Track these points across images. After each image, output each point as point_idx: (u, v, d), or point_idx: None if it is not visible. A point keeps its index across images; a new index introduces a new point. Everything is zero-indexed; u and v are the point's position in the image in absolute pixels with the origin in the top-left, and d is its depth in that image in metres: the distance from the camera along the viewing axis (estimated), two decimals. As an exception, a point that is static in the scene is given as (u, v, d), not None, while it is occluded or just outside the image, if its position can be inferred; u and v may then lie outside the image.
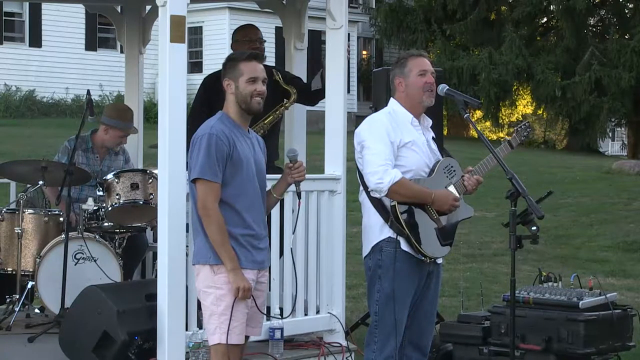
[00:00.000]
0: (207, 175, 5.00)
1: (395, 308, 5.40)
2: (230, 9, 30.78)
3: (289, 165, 5.26)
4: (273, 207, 5.54)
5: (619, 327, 6.98)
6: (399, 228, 5.41)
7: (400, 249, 5.40)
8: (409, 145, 5.47)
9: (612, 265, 12.53)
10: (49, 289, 7.00)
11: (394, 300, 5.40)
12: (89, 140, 7.87)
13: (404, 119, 5.53)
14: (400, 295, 5.41)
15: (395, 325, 5.42)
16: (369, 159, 5.44)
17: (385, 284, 5.41)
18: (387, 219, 5.43)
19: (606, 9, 32.04)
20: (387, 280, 5.40)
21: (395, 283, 5.39)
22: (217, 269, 5.03)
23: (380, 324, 5.45)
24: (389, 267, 5.40)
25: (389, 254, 5.40)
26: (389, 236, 5.41)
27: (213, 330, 5.07)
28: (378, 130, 5.46)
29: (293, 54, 8.00)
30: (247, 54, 5.27)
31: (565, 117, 30.78)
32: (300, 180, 5.26)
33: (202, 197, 5.02)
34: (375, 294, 5.46)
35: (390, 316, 5.42)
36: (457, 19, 30.82)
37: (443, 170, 5.58)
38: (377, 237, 5.45)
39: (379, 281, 5.43)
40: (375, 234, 5.47)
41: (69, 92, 29.62)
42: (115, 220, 7.31)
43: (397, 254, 5.39)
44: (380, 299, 5.43)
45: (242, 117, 5.18)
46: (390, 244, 5.41)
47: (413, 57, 5.59)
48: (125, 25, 8.71)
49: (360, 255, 5.66)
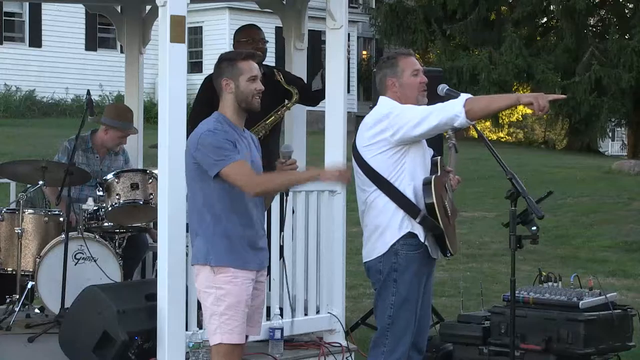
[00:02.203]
0: (228, 160, 4.95)
1: (411, 312, 5.36)
2: (230, 9, 30.79)
3: (281, 161, 5.22)
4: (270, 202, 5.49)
5: (619, 327, 6.99)
6: (433, 224, 5.31)
7: (413, 253, 5.32)
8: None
9: (612, 265, 12.53)
10: (49, 289, 7.00)
11: (410, 304, 5.35)
12: (89, 140, 7.87)
13: None
14: (415, 298, 5.37)
15: (409, 328, 5.38)
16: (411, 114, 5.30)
17: (402, 288, 5.33)
18: (416, 214, 5.31)
19: (606, 9, 32.01)
20: (404, 285, 5.33)
21: (411, 287, 5.35)
22: (217, 269, 5.03)
23: (394, 327, 5.37)
24: (405, 270, 5.32)
25: (405, 257, 5.32)
26: (408, 231, 5.31)
27: (214, 330, 5.07)
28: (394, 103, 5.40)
29: (293, 54, 8.00)
30: (244, 53, 5.27)
31: (565, 117, 30.76)
32: None
33: (237, 179, 4.96)
34: (389, 297, 5.37)
35: (405, 319, 5.34)
36: (457, 19, 30.79)
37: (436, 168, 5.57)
38: (395, 236, 5.32)
39: (394, 284, 5.34)
40: (393, 234, 5.34)
41: (69, 92, 29.62)
42: (115, 220, 7.32)
43: (411, 256, 5.32)
44: (395, 303, 5.35)
45: (239, 117, 5.17)
46: (405, 247, 5.32)
47: (403, 57, 5.54)
48: (125, 25, 8.71)
49: (360, 255, 5.62)
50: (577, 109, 28.68)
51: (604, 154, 35.46)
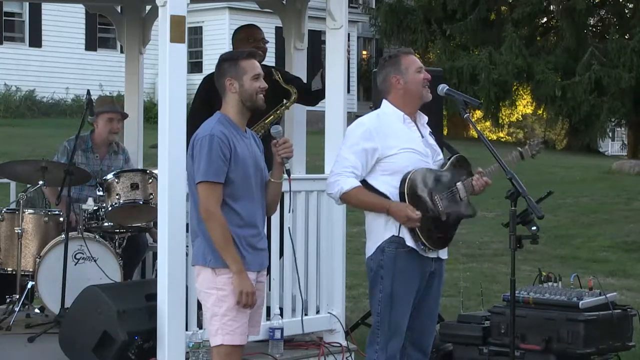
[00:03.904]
0: (210, 177, 4.97)
1: (397, 309, 5.40)
2: (230, 9, 30.81)
3: (273, 142, 5.18)
4: (277, 196, 5.35)
5: (619, 327, 6.99)
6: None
7: (401, 249, 5.38)
8: (397, 147, 5.43)
9: (612, 265, 12.52)
10: (49, 289, 7.00)
11: (396, 301, 5.40)
12: (88, 140, 7.88)
13: (394, 119, 5.50)
14: (402, 296, 5.41)
15: (398, 325, 5.42)
16: (337, 159, 5.50)
17: (387, 285, 5.40)
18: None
19: (606, 9, 32.02)
20: (389, 281, 5.40)
21: (397, 283, 5.39)
22: (218, 271, 5.02)
23: (383, 324, 5.45)
24: (391, 267, 5.39)
25: (390, 255, 5.39)
26: (392, 235, 5.40)
27: (215, 331, 5.06)
28: (355, 137, 5.45)
29: (293, 54, 8.00)
30: (246, 52, 5.26)
31: (565, 117, 30.75)
32: (287, 156, 5.18)
33: (204, 199, 4.99)
34: (377, 294, 5.45)
35: (393, 316, 5.41)
36: (457, 19, 30.79)
37: (455, 167, 5.57)
38: (381, 237, 5.42)
39: (381, 281, 5.43)
40: (379, 234, 5.44)
41: (69, 92, 29.63)
42: (115, 220, 7.31)
43: (397, 253, 5.38)
44: (382, 300, 5.43)
45: (241, 117, 5.16)
46: (392, 244, 5.39)
47: (405, 55, 5.56)
48: (125, 25, 8.71)
49: (360, 255, 5.66)
50: (577, 109, 28.69)
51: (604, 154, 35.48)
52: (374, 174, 5.43)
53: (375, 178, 5.43)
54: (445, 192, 5.49)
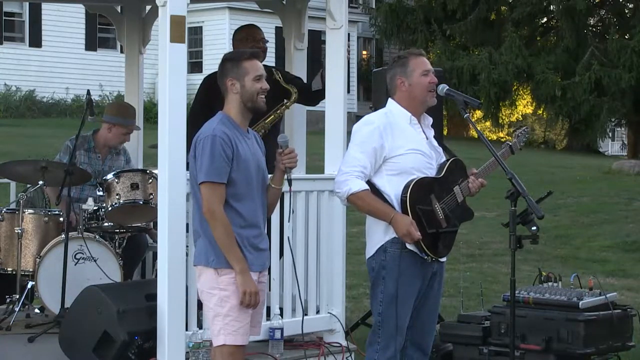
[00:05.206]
0: (213, 177, 4.97)
1: (399, 309, 5.40)
2: (230, 9, 30.81)
3: (279, 151, 5.20)
4: (276, 199, 5.40)
5: (619, 327, 6.99)
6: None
7: (405, 250, 5.38)
8: (405, 147, 5.43)
9: (612, 265, 12.52)
10: (49, 289, 7.00)
11: (398, 302, 5.39)
12: (91, 140, 7.87)
13: (401, 119, 5.51)
14: (404, 297, 5.41)
15: (398, 325, 5.42)
16: (346, 158, 5.47)
17: (389, 285, 5.39)
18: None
19: (606, 9, 32.02)
20: (391, 282, 5.39)
21: (399, 284, 5.38)
22: (221, 271, 5.02)
23: (384, 324, 5.44)
24: (393, 268, 5.38)
25: (393, 255, 5.38)
26: (394, 237, 5.39)
27: (217, 331, 5.06)
28: (364, 136, 5.44)
29: (293, 54, 8.01)
30: (248, 52, 5.26)
31: (565, 117, 30.75)
32: (291, 166, 5.20)
33: (207, 200, 4.98)
34: (379, 295, 5.44)
35: (394, 317, 5.41)
36: (457, 19, 30.80)
37: (452, 171, 5.57)
38: (383, 239, 5.42)
39: (383, 282, 5.41)
40: (380, 235, 5.43)
41: (69, 92, 29.65)
42: (115, 220, 7.32)
43: (401, 254, 5.37)
44: (384, 300, 5.41)
45: (243, 117, 5.16)
46: (395, 245, 5.38)
47: (414, 57, 5.57)
48: (125, 25, 8.71)
49: (360, 255, 5.66)
50: (577, 109, 28.69)
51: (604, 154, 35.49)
52: (380, 173, 5.43)
53: (380, 177, 5.42)
54: (444, 199, 5.50)
